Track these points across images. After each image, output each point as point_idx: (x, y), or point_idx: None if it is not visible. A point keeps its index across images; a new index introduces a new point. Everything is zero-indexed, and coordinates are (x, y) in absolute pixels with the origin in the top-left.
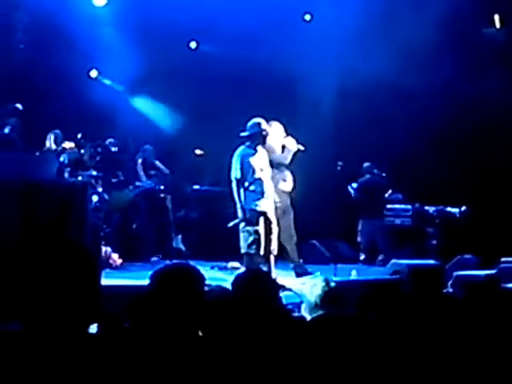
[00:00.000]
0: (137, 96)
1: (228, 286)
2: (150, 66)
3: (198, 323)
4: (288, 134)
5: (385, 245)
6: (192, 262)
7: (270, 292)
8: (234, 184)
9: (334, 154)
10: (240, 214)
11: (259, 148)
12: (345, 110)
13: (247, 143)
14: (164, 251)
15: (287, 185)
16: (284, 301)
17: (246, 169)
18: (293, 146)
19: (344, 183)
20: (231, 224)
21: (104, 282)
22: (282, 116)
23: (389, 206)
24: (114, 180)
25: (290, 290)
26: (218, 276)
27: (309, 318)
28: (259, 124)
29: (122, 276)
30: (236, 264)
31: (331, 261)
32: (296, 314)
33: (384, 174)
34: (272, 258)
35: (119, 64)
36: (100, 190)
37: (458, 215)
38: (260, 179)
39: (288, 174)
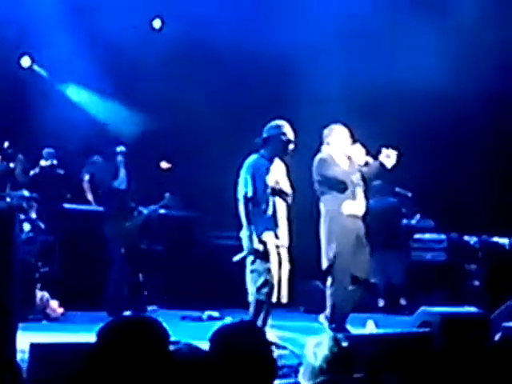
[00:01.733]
0: (81, 91)
1: (202, 344)
2: (99, 53)
3: None
4: (355, 141)
5: (404, 283)
6: (156, 313)
7: (261, 354)
8: (241, 204)
9: None
10: (247, 244)
11: (277, 160)
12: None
13: (261, 151)
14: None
15: (355, 206)
16: (278, 362)
17: (259, 185)
18: (360, 157)
19: None
20: (237, 258)
21: (36, 338)
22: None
23: (417, 237)
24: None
25: (284, 347)
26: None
27: None
28: (279, 126)
29: (63, 330)
30: (214, 313)
31: None
32: (291, 381)
33: (410, 194)
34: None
35: (56, 49)
36: (34, 216)
37: (507, 247)
38: (275, 200)
39: (358, 192)
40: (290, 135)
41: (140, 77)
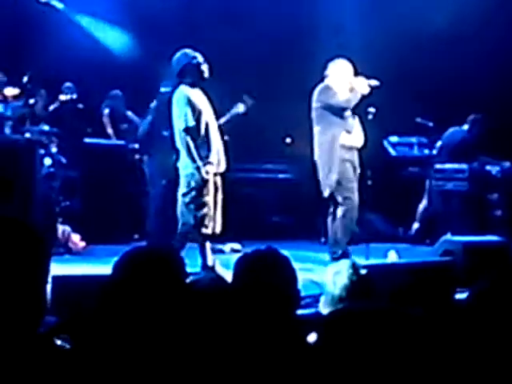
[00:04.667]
0: (100, 24)
1: (225, 273)
2: None
3: (179, 325)
4: (358, 74)
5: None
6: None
7: (285, 282)
8: (179, 137)
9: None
10: (196, 177)
11: (197, 88)
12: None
13: (185, 81)
14: (141, 231)
15: (353, 138)
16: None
17: (196, 115)
18: (363, 87)
19: (377, 136)
20: (182, 192)
21: (60, 270)
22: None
23: (438, 167)
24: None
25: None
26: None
27: None
28: (186, 54)
29: (85, 263)
30: (237, 246)
31: (362, 239)
32: (313, 311)
33: (431, 124)
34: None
35: None
36: (54, 150)
37: None
38: (208, 129)
39: (354, 124)
40: (200, 58)
41: (160, 13)
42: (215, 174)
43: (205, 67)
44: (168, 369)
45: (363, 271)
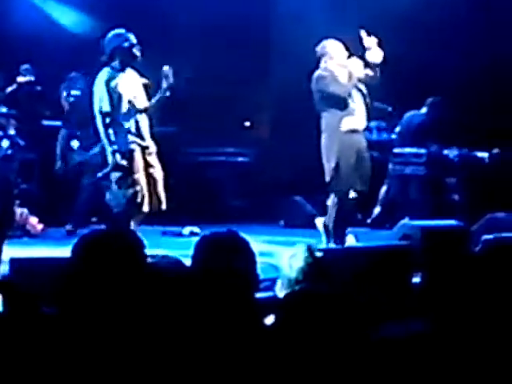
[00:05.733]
0: (59, 5)
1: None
2: None
3: (138, 308)
4: (351, 55)
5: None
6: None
7: (245, 265)
8: (98, 120)
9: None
10: (111, 159)
11: (128, 69)
12: None
13: (112, 64)
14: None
15: (356, 120)
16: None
17: (115, 99)
18: (358, 70)
19: None
20: (100, 174)
21: (16, 253)
22: None
23: (396, 151)
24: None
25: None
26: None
27: None
28: (119, 35)
29: (43, 246)
30: (195, 229)
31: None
32: (270, 295)
33: (390, 108)
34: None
35: None
36: (12, 132)
37: (487, 161)
38: (132, 111)
39: (356, 107)
40: (133, 39)
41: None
42: (146, 154)
43: (136, 49)
44: (127, 352)
45: (319, 254)
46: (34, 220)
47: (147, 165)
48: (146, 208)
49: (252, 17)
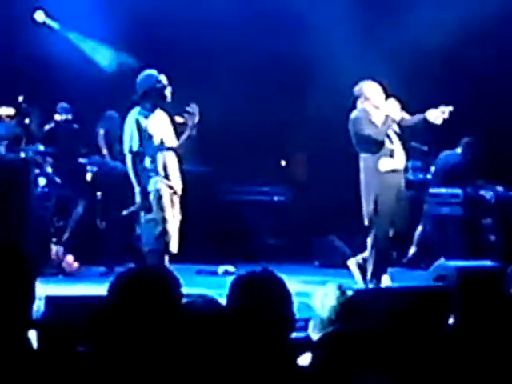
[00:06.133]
0: (95, 45)
1: (218, 296)
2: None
3: (173, 347)
4: (388, 96)
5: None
6: (171, 266)
7: (281, 304)
8: (128, 159)
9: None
10: (138, 198)
11: (158, 110)
12: None
13: (143, 104)
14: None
15: (394, 161)
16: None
17: (145, 138)
18: (395, 112)
19: None
20: (126, 212)
21: (52, 291)
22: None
23: (433, 191)
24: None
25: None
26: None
27: None
28: (151, 76)
29: (79, 284)
30: (230, 268)
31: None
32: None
33: (426, 148)
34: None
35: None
36: (49, 170)
37: None
38: (161, 151)
39: (394, 147)
40: (164, 80)
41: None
42: (173, 193)
43: (168, 91)
44: None
45: (350, 292)
46: (70, 258)
47: (172, 205)
48: (174, 248)
49: (289, 55)
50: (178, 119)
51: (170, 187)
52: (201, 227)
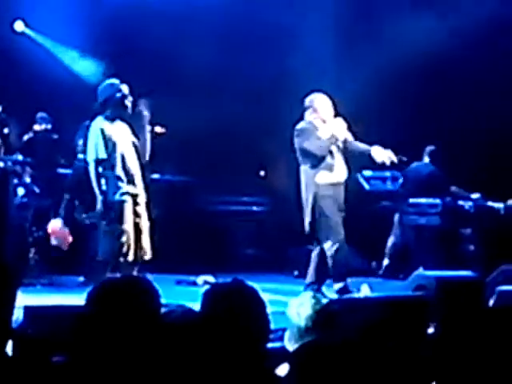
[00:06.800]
0: (74, 55)
1: (195, 306)
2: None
3: (150, 357)
4: (337, 115)
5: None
6: (151, 276)
7: (253, 314)
8: (91, 168)
9: None
10: (100, 206)
11: (118, 120)
12: None
13: (105, 113)
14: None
15: (334, 174)
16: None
17: (110, 147)
18: (341, 132)
19: (352, 170)
20: (88, 221)
21: (31, 301)
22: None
23: (411, 201)
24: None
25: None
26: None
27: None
28: (112, 85)
29: (57, 294)
30: (210, 278)
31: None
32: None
33: (405, 159)
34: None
35: (50, 13)
36: (28, 180)
37: (502, 212)
38: (124, 160)
39: (335, 164)
40: (125, 90)
41: (139, 45)
42: (136, 203)
43: (128, 101)
44: None
45: (324, 300)
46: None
47: (135, 215)
48: (130, 257)
49: (264, 66)
50: (158, 129)
51: (135, 196)
52: (180, 237)
